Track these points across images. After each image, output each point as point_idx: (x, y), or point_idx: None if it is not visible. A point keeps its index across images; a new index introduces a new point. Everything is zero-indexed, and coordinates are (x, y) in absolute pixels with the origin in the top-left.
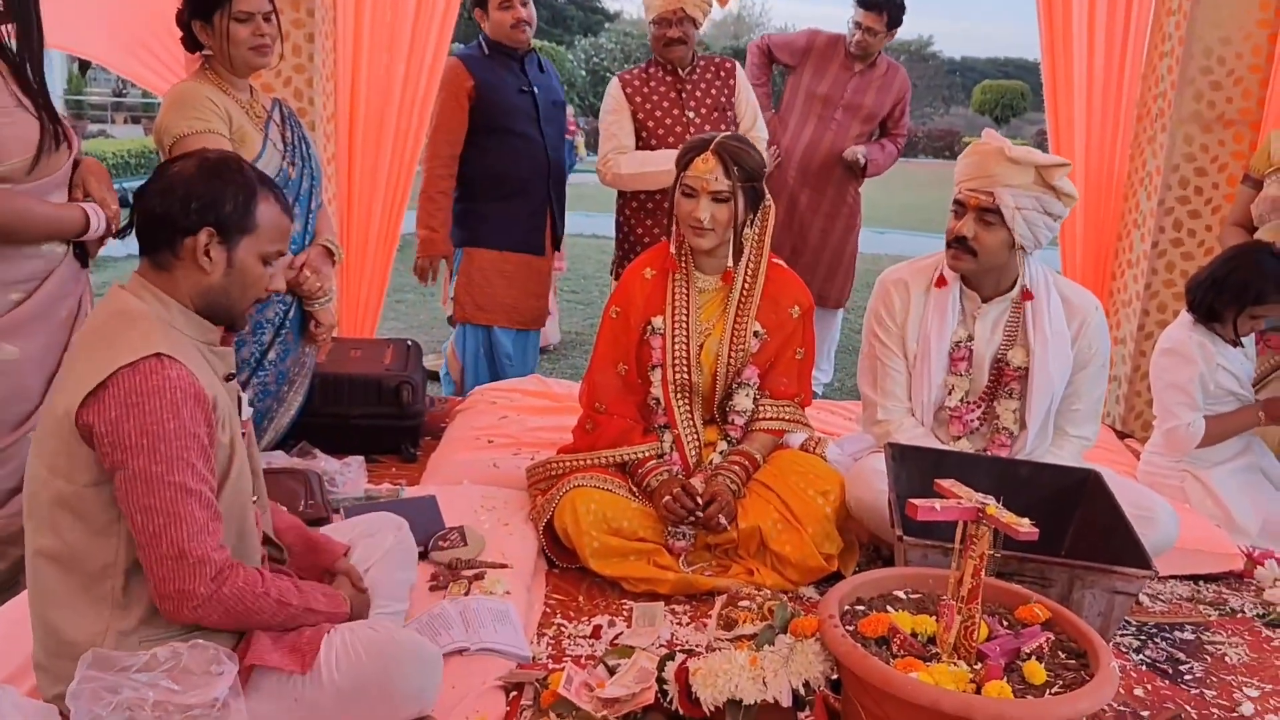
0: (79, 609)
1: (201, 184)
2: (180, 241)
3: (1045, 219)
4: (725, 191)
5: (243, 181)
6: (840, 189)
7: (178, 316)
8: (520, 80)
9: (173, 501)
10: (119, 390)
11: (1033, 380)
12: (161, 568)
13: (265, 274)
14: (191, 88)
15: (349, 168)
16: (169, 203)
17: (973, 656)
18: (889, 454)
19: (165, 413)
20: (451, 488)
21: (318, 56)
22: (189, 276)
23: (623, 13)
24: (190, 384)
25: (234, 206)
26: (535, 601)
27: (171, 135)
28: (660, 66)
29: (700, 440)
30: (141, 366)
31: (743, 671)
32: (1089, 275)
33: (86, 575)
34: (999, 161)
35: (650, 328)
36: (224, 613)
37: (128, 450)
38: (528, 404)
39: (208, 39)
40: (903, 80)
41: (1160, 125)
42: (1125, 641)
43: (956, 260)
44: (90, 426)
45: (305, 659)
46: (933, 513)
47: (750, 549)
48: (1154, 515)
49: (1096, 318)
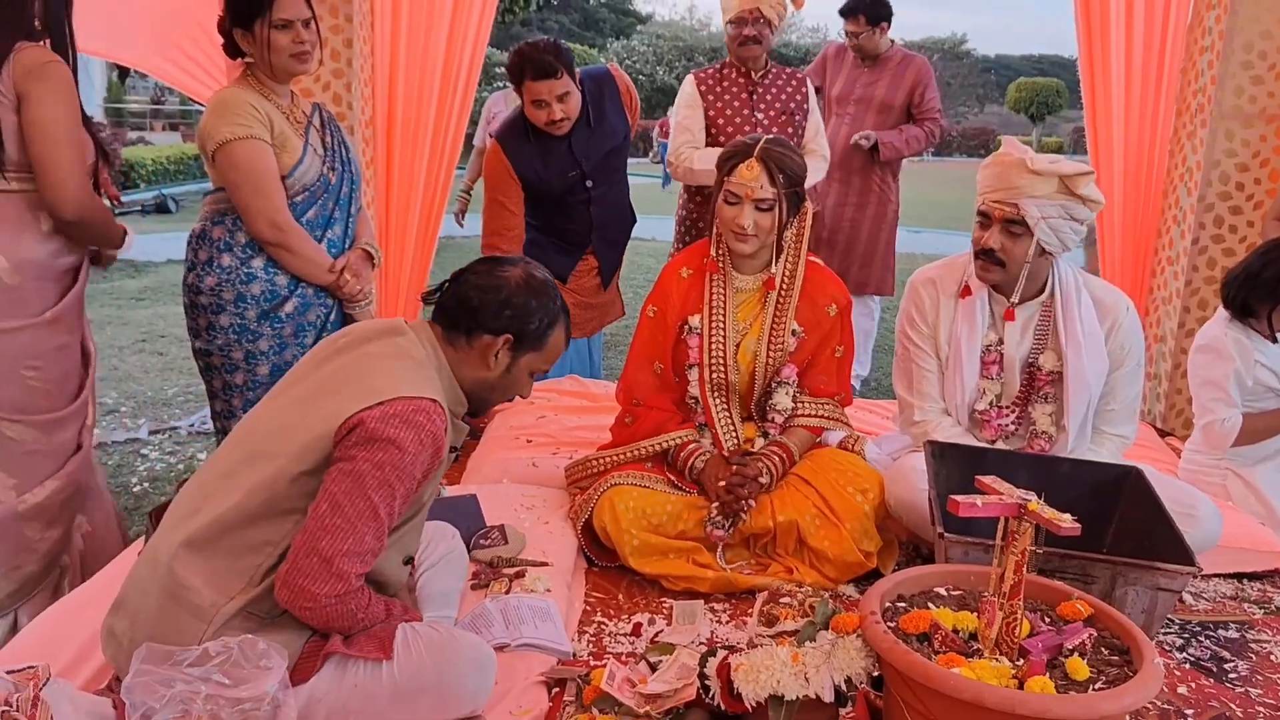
0: (219, 568)
1: (522, 296)
2: (479, 335)
3: (1071, 224)
4: (769, 199)
5: (552, 307)
6: (864, 178)
7: (447, 382)
8: (566, 161)
9: (358, 513)
10: (396, 408)
11: (1068, 384)
12: (306, 559)
13: (528, 386)
14: (234, 94)
15: (387, 171)
16: (488, 300)
17: (1015, 652)
18: (929, 451)
19: (412, 447)
20: (492, 486)
21: (356, 61)
22: (471, 364)
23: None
24: (441, 439)
25: (537, 326)
26: (575, 599)
27: (214, 140)
28: (734, 68)
29: (739, 438)
30: (421, 403)
31: (785, 667)
32: (1128, 272)
33: (246, 543)
34: (1022, 174)
35: (687, 326)
36: (325, 620)
37: (365, 449)
38: (565, 404)
39: (249, 46)
40: (917, 68)
41: (1200, 120)
42: (1169, 640)
43: (985, 271)
44: (361, 422)
45: (386, 646)
46: (974, 509)
47: (788, 545)
48: (1197, 512)
49: (1128, 317)
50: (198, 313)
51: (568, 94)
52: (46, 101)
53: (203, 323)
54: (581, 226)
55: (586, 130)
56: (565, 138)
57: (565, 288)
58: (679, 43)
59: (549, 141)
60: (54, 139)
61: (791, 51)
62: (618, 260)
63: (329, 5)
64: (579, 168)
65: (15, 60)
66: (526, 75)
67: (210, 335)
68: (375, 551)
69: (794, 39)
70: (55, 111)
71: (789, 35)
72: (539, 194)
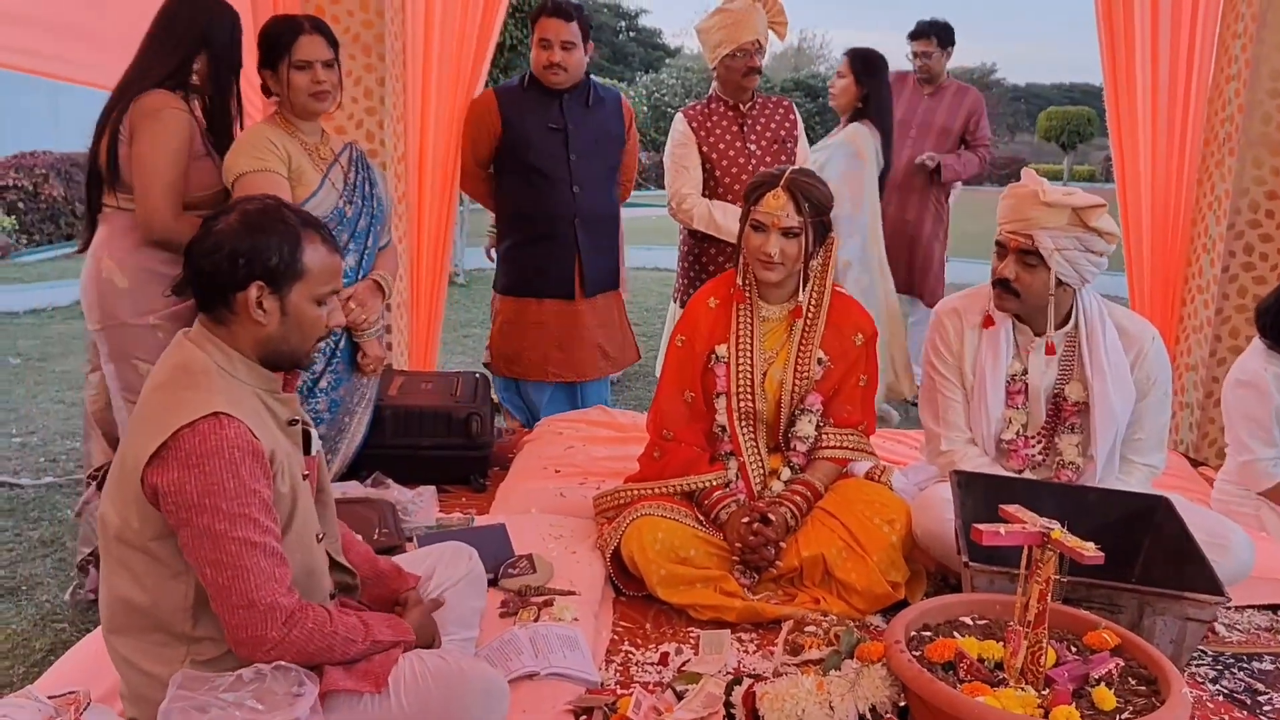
0: (156, 644)
1: (245, 239)
2: (233, 296)
3: (1087, 256)
4: (796, 227)
5: (285, 230)
6: (923, 196)
7: (239, 367)
8: (552, 117)
9: (237, 555)
10: (179, 451)
11: (1095, 414)
12: (234, 617)
13: (321, 315)
14: (257, 130)
15: (419, 205)
16: (216, 260)
17: (1040, 682)
18: (954, 481)
19: (224, 473)
20: (520, 516)
21: (388, 99)
22: (246, 329)
23: (683, 48)
24: (248, 441)
25: (279, 257)
26: (603, 628)
27: (232, 174)
28: (721, 101)
29: (765, 468)
30: (200, 427)
31: (809, 696)
32: (1157, 301)
33: (160, 614)
34: (1034, 205)
35: (714, 356)
36: (296, 653)
37: (191, 509)
38: (593, 434)
39: (275, 86)
40: (974, 97)
41: (1228, 149)
42: (1201, 671)
43: (1001, 301)
44: (155, 487)
45: (379, 679)
46: (997, 537)
47: (815, 577)
48: (1228, 543)
49: (1154, 346)
50: None
51: (572, 45)
52: (148, 139)
53: None
54: (565, 210)
55: (582, 106)
56: (557, 96)
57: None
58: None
59: (541, 94)
60: (149, 171)
61: (820, 82)
62: (603, 268)
63: (362, 45)
64: (563, 127)
65: (136, 103)
66: (543, 12)
67: None
68: (280, 564)
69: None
70: (154, 148)
71: (818, 67)
72: (518, 148)
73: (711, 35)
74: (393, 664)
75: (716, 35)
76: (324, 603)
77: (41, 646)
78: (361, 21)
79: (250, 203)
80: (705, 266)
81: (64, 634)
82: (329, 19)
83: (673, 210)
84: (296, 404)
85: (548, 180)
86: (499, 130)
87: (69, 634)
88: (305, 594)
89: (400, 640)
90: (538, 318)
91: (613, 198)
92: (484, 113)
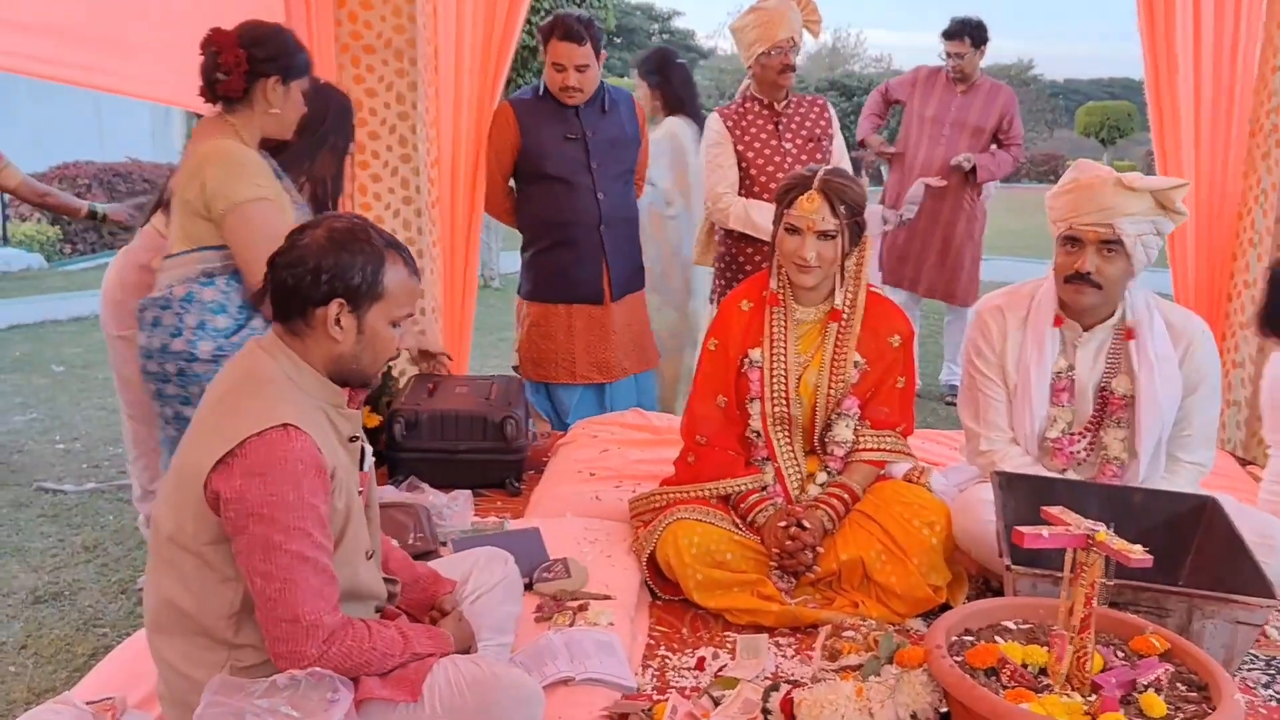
0: (198, 647)
1: (331, 255)
2: (312, 312)
3: (1157, 239)
4: (832, 230)
5: (371, 250)
6: (957, 196)
7: (308, 380)
8: (570, 126)
9: (289, 569)
10: (245, 460)
11: (1140, 407)
12: (276, 629)
13: (394, 336)
14: (243, 151)
15: (451, 211)
16: (299, 275)
17: (1086, 688)
18: (996, 482)
19: (287, 484)
20: (555, 520)
21: (420, 104)
22: (321, 344)
23: (717, 49)
24: (312, 455)
25: (363, 277)
26: (639, 633)
27: (231, 199)
28: (756, 101)
29: (802, 472)
30: (268, 436)
31: (849, 702)
32: (1203, 297)
33: (204, 618)
34: (1116, 193)
35: (748, 360)
36: (334, 668)
37: (250, 518)
38: (628, 437)
39: (274, 99)
40: (1006, 96)
41: (1275, 140)
42: (1252, 676)
43: (1080, 295)
44: (217, 493)
45: (414, 687)
46: (1040, 540)
47: (854, 581)
48: (1277, 543)
49: (1203, 341)
50: (189, 381)
51: (587, 66)
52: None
53: (196, 390)
54: (589, 217)
55: (598, 113)
56: (574, 109)
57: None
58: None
59: (557, 104)
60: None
61: (855, 81)
62: (628, 270)
63: (394, 50)
64: (581, 136)
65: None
66: (554, 34)
67: None
68: (329, 583)
69: (857, 69)
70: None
71: (852, 65)
72: (538, 159)
73: (746, 34)
74: (427, 671)
75: (751, 34)
76: (367, 617)
77: (84, 651)
78: (394, 26)
79: (338, 220)
80: (742, 266)
81: (106, 639)
82: (361, 24)
83: (709, 210)
84: (359, 420)
85: (571, 188)
86: (518, 141)
87: (111, 638)
88: (351, 611)
89: (439, 651)
90: (566, 322)
91: (631, 199)
92: (503, 125)
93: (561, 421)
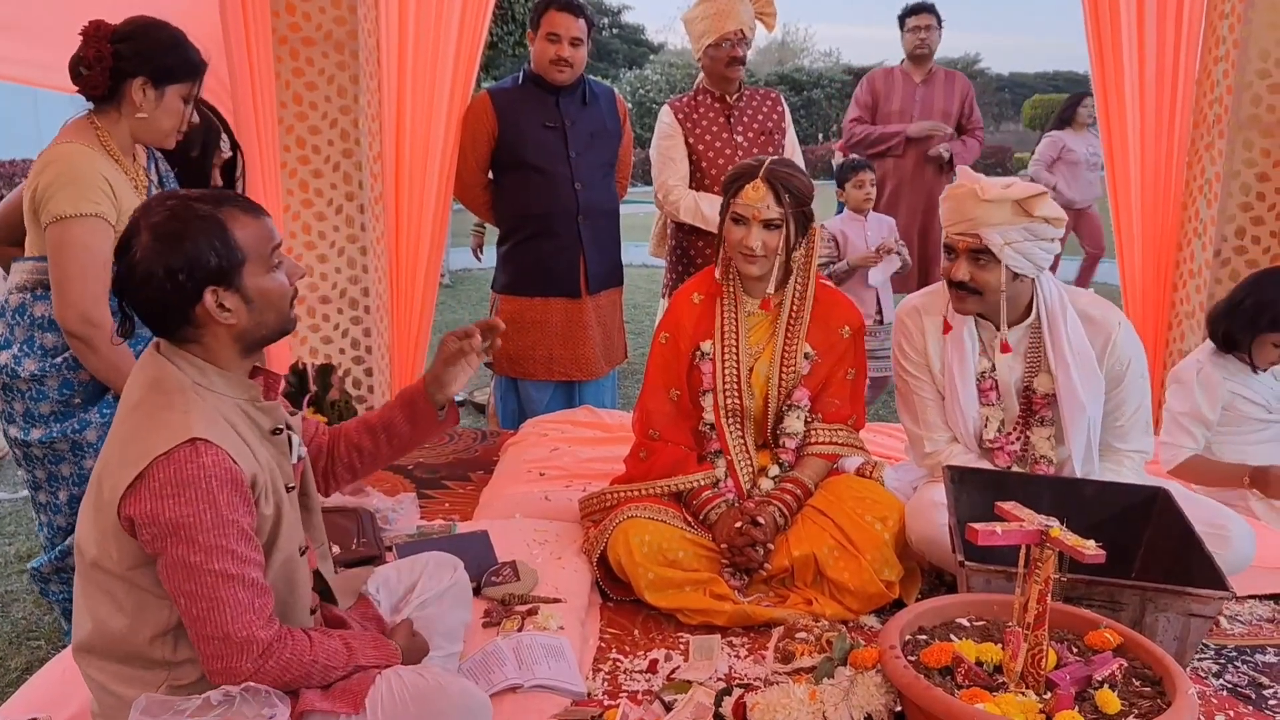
0: (134, 668)
1: (173, 252)
2: (192, 313)
3: (1039, 244)
4: (777, 219)
5: (206, 224)
6: (934, 188)
7: (215, 380)
8: (549, 115)
9: (213, 588)
10: (155, 482)
11: (1062, 405)
12: (208, 647)
13: (281, 280)
14: (86, 161)
15: (395, 206)
16: (156, 288)
17: (1041, 685)
18: (948, 478)
19: (202, 503)
20: (504, 522)
21: (362, 98)
22: (218, 334)
23: (667, 44)
24: (226, 469)
25: (216, 254)
26: (590, 636)
27: (54, 213)
28: (708, 94)
29: (754, 465)
30: (176, 455)
31: (802, 706)
32: (1150, 287)
33: (141, 639)
34: (975, 204)
35: (700, 352)
36: (272, 682)
37: (166, 539)
38: (579, 435)
39: (141, 102)
40: (963, 83)
41: (1218, 131)
42: (1204, 666)
43: (961, 303)
44: (131, 519)
45: (355, 699)
46: (994, 537)
47: (806, 578)
48: (1228, 533)
49: (1121, 331)
50: (13, 397)
51: (580, 41)
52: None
53: (19, 409)
54: (567, 208)
55: (579, 104)
56: (554, 95)
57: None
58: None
59: (537, 92)
60: None
61: (804, 76)
62: (607, 265)
63: (334, 42)
64: (560, 125)
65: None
66: (552, 5)
67: (28, 423)
68: (260, 595)
69: (807, 63)
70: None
71: (801, 60)
72: (516, 146)
73: (696, 25)
74: (370, 683)
75: (701, 25)
76: (306, 619)
77: (17, 665)
78: (333, 18)
79: (153, 213)
80: (693, 259)
81: (40, 651)
82: (300, 15)
83: (659, 202)
84: (280, 412)
85: (549, 178)
86: (496, 130)
87: (45, 651)
88: (288, 610)
89: (385, 663)
90: (542, 316)
91: (612, 193)
92: (480, 114)
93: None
